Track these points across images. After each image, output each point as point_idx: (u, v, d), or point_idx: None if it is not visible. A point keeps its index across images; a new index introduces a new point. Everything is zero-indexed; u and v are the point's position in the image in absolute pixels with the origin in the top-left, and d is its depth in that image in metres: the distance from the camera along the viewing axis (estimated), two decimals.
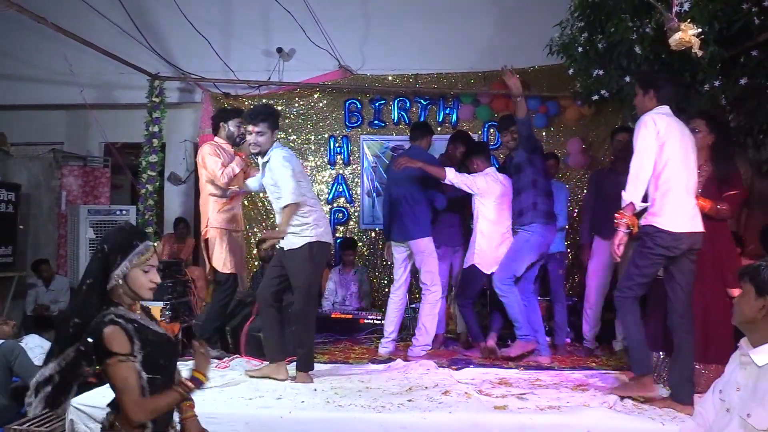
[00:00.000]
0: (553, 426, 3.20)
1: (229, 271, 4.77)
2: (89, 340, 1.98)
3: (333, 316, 6.03)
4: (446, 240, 5.34)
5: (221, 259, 4.74)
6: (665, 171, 3.34)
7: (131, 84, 7.17)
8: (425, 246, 4.92)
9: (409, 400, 3.50)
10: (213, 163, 4.65)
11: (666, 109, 3.48)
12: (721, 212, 3.74)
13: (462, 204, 5.20)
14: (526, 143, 4.71)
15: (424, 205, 4.99)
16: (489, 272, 4.81)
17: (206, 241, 4.80)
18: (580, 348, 5.18)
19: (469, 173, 4.92)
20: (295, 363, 4.06)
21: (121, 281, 2.08)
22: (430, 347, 4.97)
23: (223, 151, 4.81)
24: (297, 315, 4.06)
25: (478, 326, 5.07)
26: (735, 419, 1.95)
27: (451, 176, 4.72)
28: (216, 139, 4.93)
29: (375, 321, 5.82)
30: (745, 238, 5.14)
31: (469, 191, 4.81)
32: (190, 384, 2.12)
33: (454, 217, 5.40)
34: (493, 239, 4.83)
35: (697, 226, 3.39)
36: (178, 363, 2.29)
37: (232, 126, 4.89)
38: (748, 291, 2.09)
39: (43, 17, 5.29)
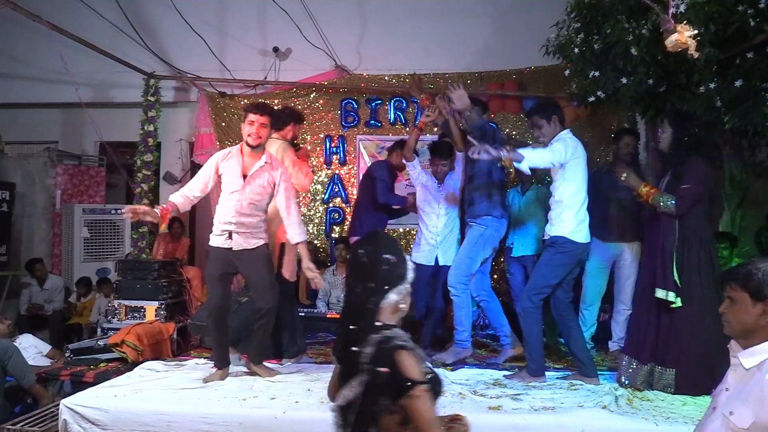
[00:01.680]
0: (548, 426, 3.21)
1: (292, 281, 4.76)
2: (380, 370, 1.72)
3: (328, 316, 6.01)
4: None
5: (290, 269, 4.67)
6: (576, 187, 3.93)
7: (127, 83, 7.16)
8: None
9: None
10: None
11: (569, 131, 4.10)
12: (665, 205, 3.70)
13: None
14: (480, 136, 4.14)
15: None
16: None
17: (282, 245, 4.66)
18: None
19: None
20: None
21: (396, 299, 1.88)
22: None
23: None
24: (265, 312, 4.04)
25: None
26: (718, 417, 1.93)
27: None
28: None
29: None
30: (741, 240, 5.15)
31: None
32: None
33: None
34: None
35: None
36: None
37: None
38: (741, 299, 1.94)
39: (38, 15, 5.28)
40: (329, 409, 1.91)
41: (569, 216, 3.97)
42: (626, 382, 3.83)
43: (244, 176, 3.93)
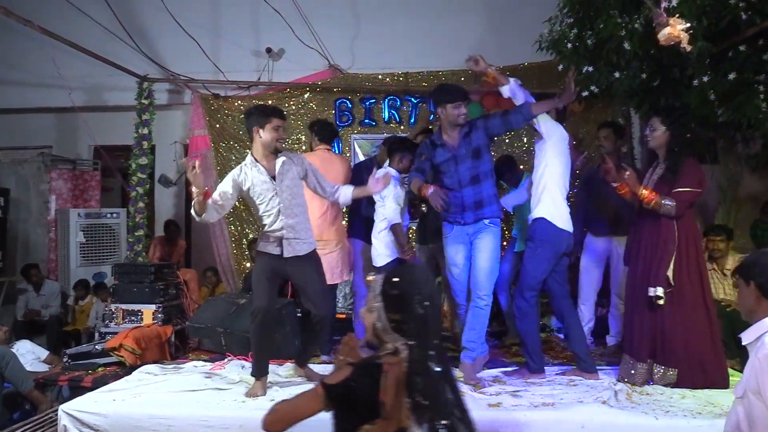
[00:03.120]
0: (548, 422, 3.21)
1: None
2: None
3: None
4: None
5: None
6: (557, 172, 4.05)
7: (120, 86, 7.13)
8: None
9: None
10: None
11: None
12: (665, 208, 3.68)
13: None
14: (501, 126, 4.16)
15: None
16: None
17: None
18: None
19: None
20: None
21: None
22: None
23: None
24: (324, 319, 4.01)
25: None
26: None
27: None
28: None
29: None
30: (736, 233, 5.16)
31: None
32: None
33: None
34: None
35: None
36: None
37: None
38: (741, 285, 2.17)
39: (30, 20, 5.25)
40: None
41: (548, 199, 4.02)
42: (627, 381, 3.83)
43: (273, 177, 3.86)
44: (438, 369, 1.77)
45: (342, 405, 1.81)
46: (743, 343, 2.14)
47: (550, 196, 4.02)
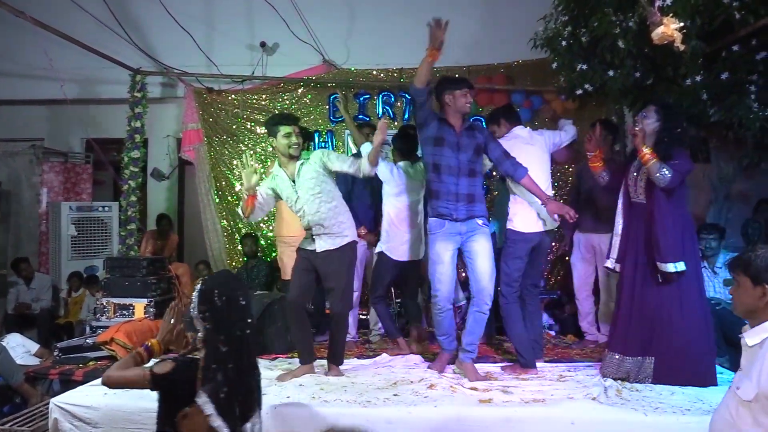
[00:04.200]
0: (538, 418, 3.22)
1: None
2: None
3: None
4: None
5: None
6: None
7: (113, 79, 7.10)
8: None
9: (395, 395, 3.51)
10: None
11: (518, 130, 4.41)
12: (661, 173, 3.64)
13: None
14: (494, 158, 4.16)
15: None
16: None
17: None
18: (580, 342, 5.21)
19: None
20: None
21: None
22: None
23: None
24: (339, 316, 4.06)
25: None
26: (731, 392, 2.14)
27: None
28: None
29: (361, 316, 5.80)
30: (728, 232, 5.19)
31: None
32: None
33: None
34: None
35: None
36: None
37: None
38: (744, 282, 2.15)
39: (22, 11, 5.22)
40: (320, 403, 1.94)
41: (512, 207, 4.27)
42: (612, 377, 3.83)
43: (293, 181, 4.01)
44: (224, 349, 2.15)
45: (165, 392, 2.20)
46: (750, 345, 2.12)
47: (516, 202, 4.25)
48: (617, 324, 3.96)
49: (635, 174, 3.90)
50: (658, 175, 3.64)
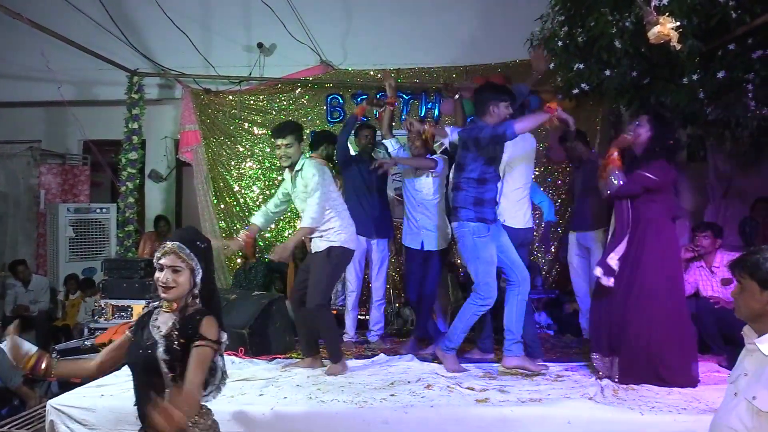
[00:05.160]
0: (535, 418, 3.22)
1: None
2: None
3: None
4: None
5: None
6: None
7: (110, 80, 7.11)
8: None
9: (392, 395, 3.50)
10: None
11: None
12: (610, 181, 3.74)
13: None
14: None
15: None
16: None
17: None
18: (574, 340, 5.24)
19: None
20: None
21: None
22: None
23: None
24: (311, 311, 4.12)
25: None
26: (742, 402, 2.01)
27: None
28: (313, 156, 5.30)
29: (359, 317, 5.79)
30: (726, 230, 5.19)
31: None
32: None
33: None
34: None
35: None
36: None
37: (332, 149, 5.31)
38: (750, 286, 2.06)
39: (19, 13, 5.22)
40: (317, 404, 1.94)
41: (503, 203, 4.34)
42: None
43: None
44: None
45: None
46: (765, 352, 2.02)
47: (506, 200, 4.32)
48: (592, 324, 4.05)
49: None
50: (610, 178, 3.75)
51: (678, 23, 3.51)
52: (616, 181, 3.71)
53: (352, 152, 5.56)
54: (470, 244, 4.03)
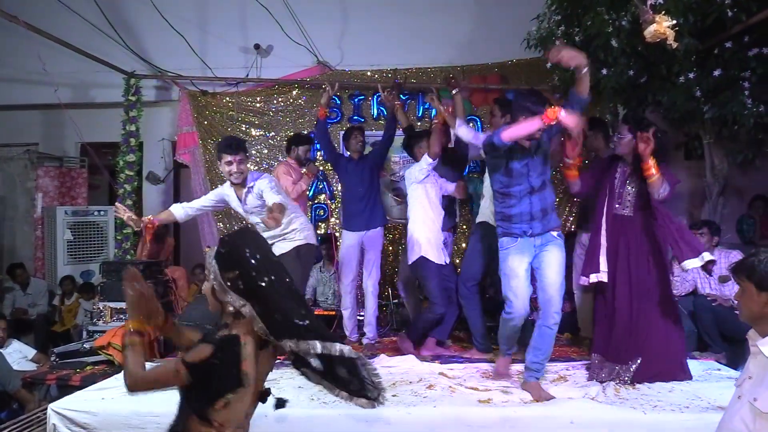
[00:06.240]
0: (537, 418, 3.23)
1: None
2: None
3: (316, 313, 6.00)
4: None
5: None
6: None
7: (107, 83, 7.09)
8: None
9: (394, 395, 3.51)
10: (285, 180, 5.25)
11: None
12: (664, 189, 3.69)
13: None
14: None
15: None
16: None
17: None
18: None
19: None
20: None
21: None
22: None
23: (293, 170, 5.46)
24: None
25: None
26: (745, 404, 2.03)
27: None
28: (288, 159, 5.61)
29: (357, 317, 5.79)
30: (723, 228, 5.21)
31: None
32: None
33: None
34: None
35: None
36: None
37: (301, 150, 5.52)
38: (748, 288, 2.10)
39: (15, 16, 5.20)
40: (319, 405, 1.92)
41: (486, 203, 4.60)
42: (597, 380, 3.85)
43: (241, 200, 4.32)
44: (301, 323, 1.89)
45: (203, 381, 1.82)
46: (766, 354, 2.04)
47: (489, 201, 4.44)
48: (597, 327, 4.07)
49: (627, 185, 3.92)
50: (659, 189, 3.65)
51: (674, 22, 3.52)
52: (668, 186, 3.67)
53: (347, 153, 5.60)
54: (501, 256, 3.82)
